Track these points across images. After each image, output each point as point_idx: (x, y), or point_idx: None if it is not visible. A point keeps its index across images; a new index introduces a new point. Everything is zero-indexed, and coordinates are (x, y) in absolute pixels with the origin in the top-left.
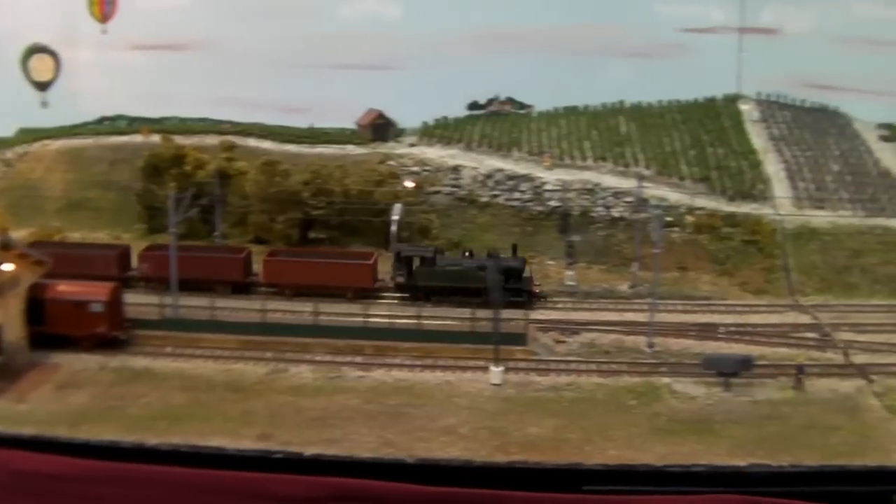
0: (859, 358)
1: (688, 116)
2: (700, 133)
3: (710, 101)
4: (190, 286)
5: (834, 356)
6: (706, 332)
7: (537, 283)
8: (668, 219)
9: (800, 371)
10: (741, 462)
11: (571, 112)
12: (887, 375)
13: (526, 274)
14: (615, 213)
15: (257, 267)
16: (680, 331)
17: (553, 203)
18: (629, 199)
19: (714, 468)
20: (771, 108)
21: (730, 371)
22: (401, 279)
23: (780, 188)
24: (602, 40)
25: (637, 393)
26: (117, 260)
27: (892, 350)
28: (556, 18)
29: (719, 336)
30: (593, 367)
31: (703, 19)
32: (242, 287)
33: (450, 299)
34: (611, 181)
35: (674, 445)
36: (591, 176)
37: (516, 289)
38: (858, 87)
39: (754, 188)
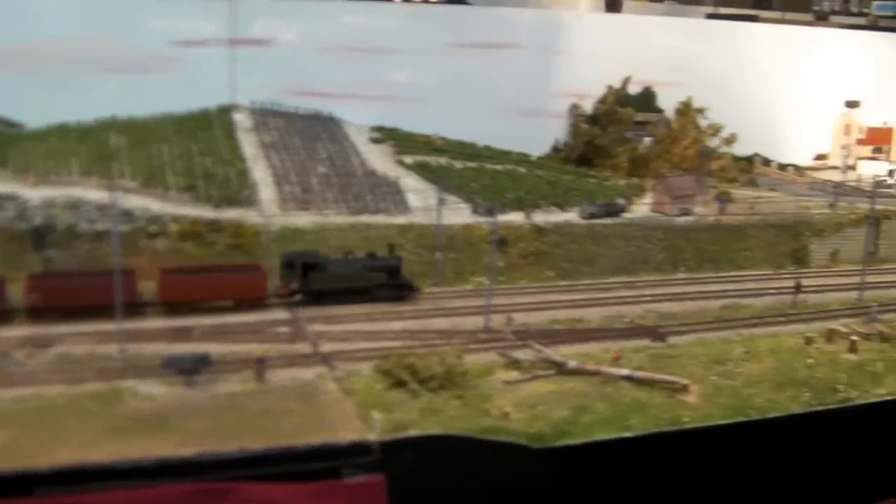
0: (327, 347)
1: (180, 128)
2: (190, 144)
3: (205, 113)
4: None
5: (304, 347)
6: (180, 334)
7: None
8: (152, 228)
9: (260, 363)
10: (189, 452)
11: (63, 129)
12: (351, 361)
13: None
14: (99, 226)
15: None
16: (156, 335)
17: (38, 221)
18: (113, 212)
19: (162, 461)
20: (264, 116)
21: (189, 368)
22: (295, 285)
23: (267, 192)
24: (95, 56)
25: (100, 398)
26: None
27: (361, 338)
28: (47, 35)
29: (193, 337)
30: (59, 376)
31: (194, 32)
32: None
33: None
34: (95, 195)
35: (126, 443)
36: (76, 191)
37: (397, 284)
38: (351, 93)
39: (240, 194)
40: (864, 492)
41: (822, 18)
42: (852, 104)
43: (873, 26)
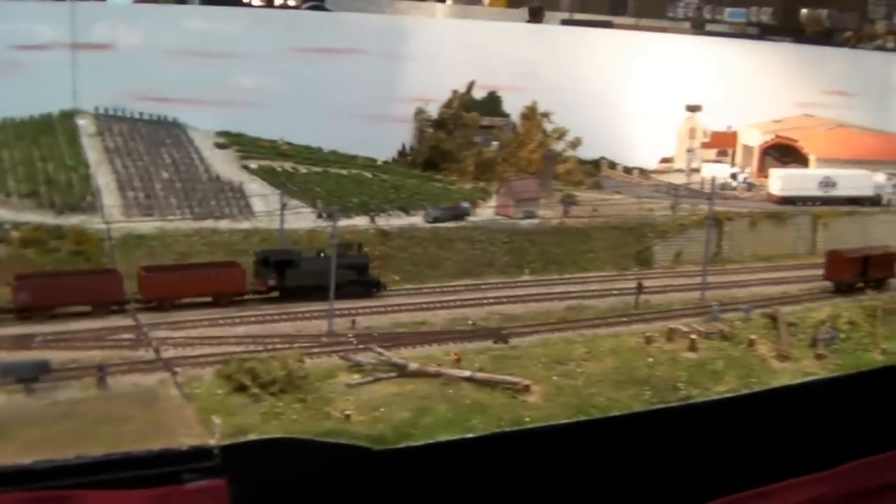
0: (169, 352)
1: (22, 133)
2: (32, 149)
3: (47, 118)
4: None
5: (146, 353)
6: (21, 342)
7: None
8: None
9: (101, 370)
10: (27, 460)
11: None
12: (192, 366)
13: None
14: None
15: None
16: None
17: None
18: None
19: None
20: (108, 121)
21: (27, 376)
22: (272, 281)
23: (111, 198)
24: None
25: None
26: None
27: (202, 343)
28: None
29: (34, 345)
30: None
31: (33, 36)
32: None
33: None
34: None
35: None
36: None
37: (366, 281)
38: (196, 98)
39: (83, 200)
40: (703, 489)
41: (698, 27)
42: (693, 108)
43: (741, 34)
